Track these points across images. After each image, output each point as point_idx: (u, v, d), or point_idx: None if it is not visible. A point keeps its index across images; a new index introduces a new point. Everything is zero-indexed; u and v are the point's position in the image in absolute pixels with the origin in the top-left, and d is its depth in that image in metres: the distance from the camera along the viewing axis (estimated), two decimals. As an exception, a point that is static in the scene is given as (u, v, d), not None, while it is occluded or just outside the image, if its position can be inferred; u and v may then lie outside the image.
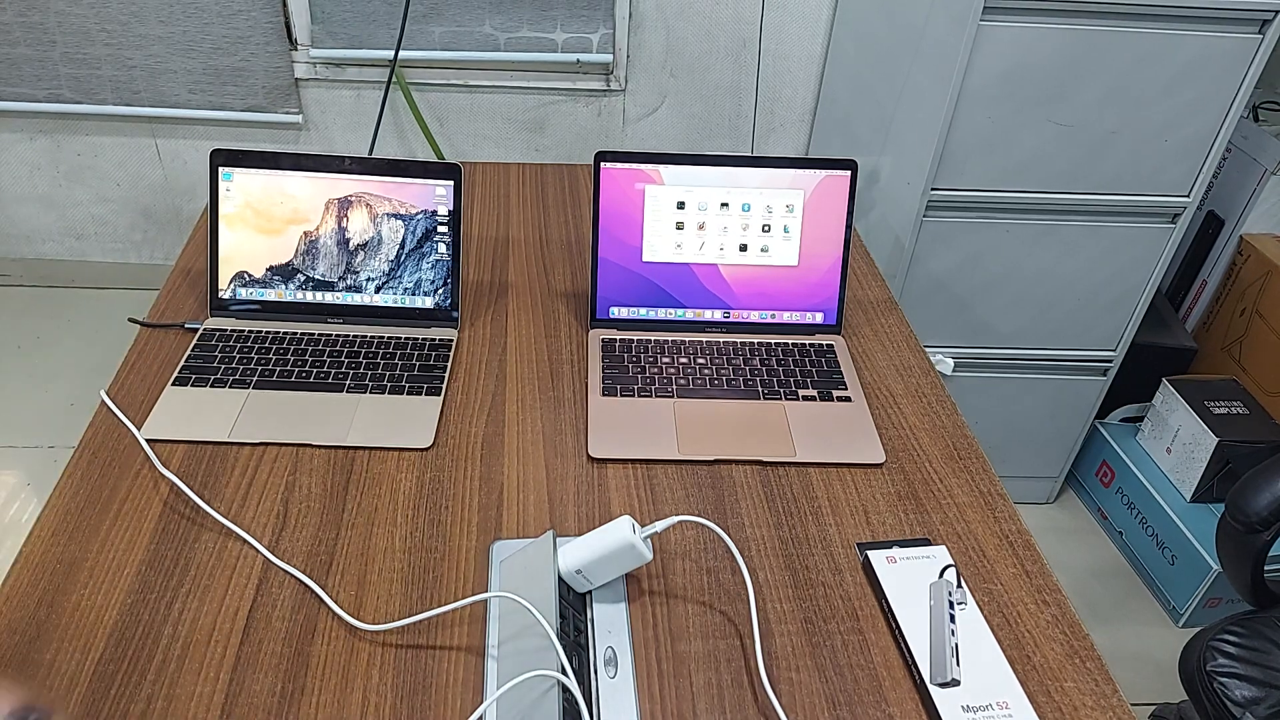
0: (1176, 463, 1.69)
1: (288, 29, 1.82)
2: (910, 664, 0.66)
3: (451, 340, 0.92)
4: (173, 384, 0.84)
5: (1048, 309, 1.58)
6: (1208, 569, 1.57)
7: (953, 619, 0.69)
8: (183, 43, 1.82)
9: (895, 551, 0.74)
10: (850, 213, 0.96)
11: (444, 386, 0.87)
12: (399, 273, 0.93)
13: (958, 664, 0.65)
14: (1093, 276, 1.54)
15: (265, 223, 0.91)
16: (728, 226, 0.95)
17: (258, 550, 0.70)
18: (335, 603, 0.67)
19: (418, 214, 0.92)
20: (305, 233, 0.92)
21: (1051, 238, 1.49)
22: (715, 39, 1.88)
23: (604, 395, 0.88)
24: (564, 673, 0.56)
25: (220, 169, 0.90)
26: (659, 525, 0.66)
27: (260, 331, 0.91)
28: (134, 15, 1.79)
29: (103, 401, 0.82)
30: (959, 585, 0.71)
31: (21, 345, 2.05)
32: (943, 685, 0.64)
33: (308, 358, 0.88)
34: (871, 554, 0.73)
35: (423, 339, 0.92)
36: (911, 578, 0.72)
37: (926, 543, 0.76)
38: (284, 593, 0.68)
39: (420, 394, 0.86)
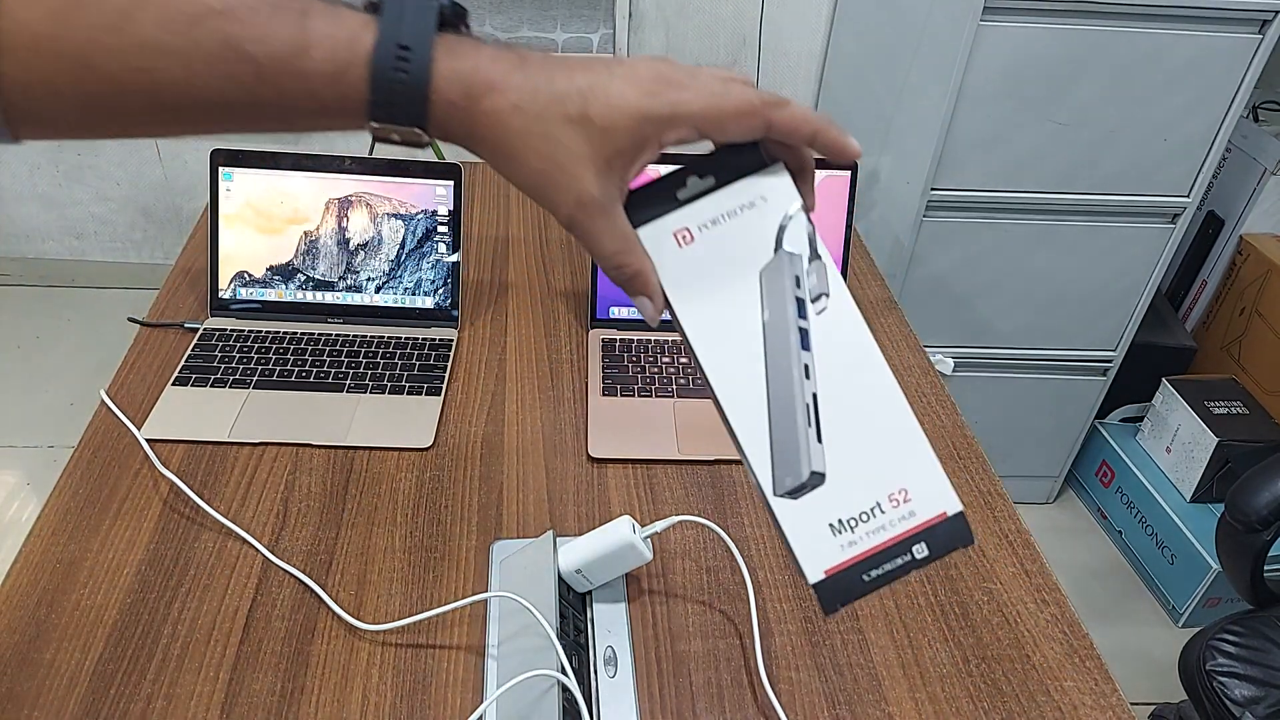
0: (1176, 462, 1.69)
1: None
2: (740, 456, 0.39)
3: (451, 340, 0.92)
4: (173, 384, 0.84)
5: (1048, 309, 1.58)
6: (1207, 568, 1.57)
7: (805, 339, 0.38)
8: (182, 42, 1.82)
9: (690, 208, 0.40)
10: (850, 212, 0.96)
11: (444, 386, 0.87)
12: (399, 273, 0.93)
13: (819, 438, 0.38)
14: (1093, 276, 1.54)
15: (265, 222, 0.91)
16: (727, 226, 0.95)
17: (257, 550, 0.70)
18: (335, 602, 0.67)
19: (418, 214, 0.92)
20: (305, 232, 0.92)
21: (1051, 238, 1.49)
22: (715, 37, 1.88)
23: (604, 395, 0.88)
24: (564, 672, 0.56)
25: (220, 168, 0.90)
26: (659, 525, 0.66)
27: (260, 331, 0.91)
28: (133, 14, 1.78)
29: (102, 401, 0.82)
30: (814, 255, 0.39)
31: (21, 345, 2.05)
32: (792, 492, 0.38)
33: (308, 357, 0.88)
34: (644, 231, 0.40)
35: (423, 339, 0.92)
36: (725, 259, 0.39)
37: (753, 165, 0.40)
38: (284, 592, 0.68)
39: (420, 394, 0.86)
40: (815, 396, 0.38)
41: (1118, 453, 1.78)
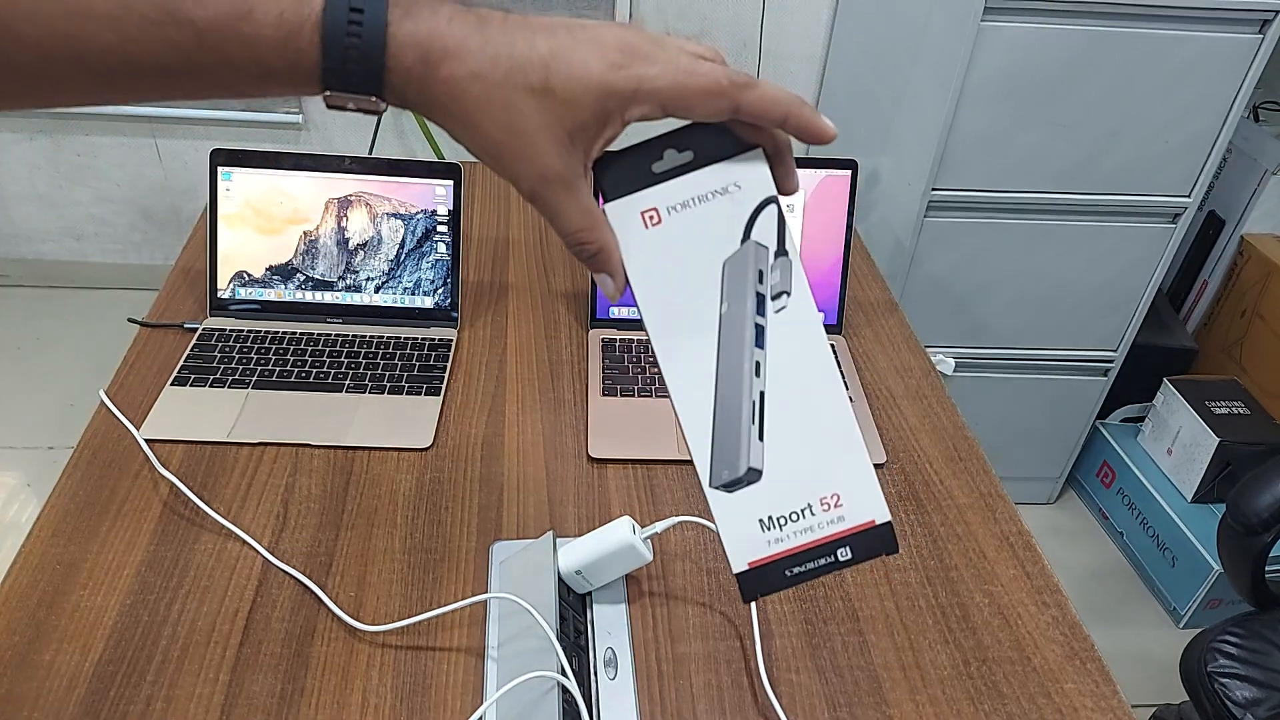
0: (1177, 463, 1.68)
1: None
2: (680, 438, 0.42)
3: (451, 340, 0.92)
4: (172, 384, 0.84)
5: (1048, 309, 1.58)
6: (1208, 570, 1.57)
7: (760, 336, 0.38)
8: (182, 42, 1.82)
9: (661, 188, 0.38)
10: (851, 213, 0.96)
11: (444, 386, 0.87)
12: (399, 272, 0.93)
13: (760, 435, 0.38)
14: (1094, 277, 1.54)
15: (265, 222, 0.91)
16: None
17: (257, 551, 0.70)
18: (335, 603, 0.67)
19: (417, 214, 0.92)
20: (305, 232, 0.92)
21: (1052, 238, 1.49)
22: (715, 39, 1.88)
23: (604, 395, 0.88)
24: (564, 674, 0.56)
25: (220, 169, 0.90)
26: (659, 526, 0.66)
27: (259, 331, 0.91)
28: (134, 15, 1.78)
29: (102, 402, 0.82)
30: (782, 251, 0.39)
31: (21, 346, 2.05)
32: (728, 485, 0.38)
33: (307, 358, 0.88)
34: (612, 206, 0.39)
35: (422, 339, 0.92)
36: (691, 245, 0.38)
37: (733, 148, 0.39)
38: (283, 593, 0.68)
39: (420, 394, 0.86)
40: (762, 395, 0.39)
41: (1119, 454, 1.78)
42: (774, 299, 0.39)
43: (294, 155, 0.90)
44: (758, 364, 0.39)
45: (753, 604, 0.67)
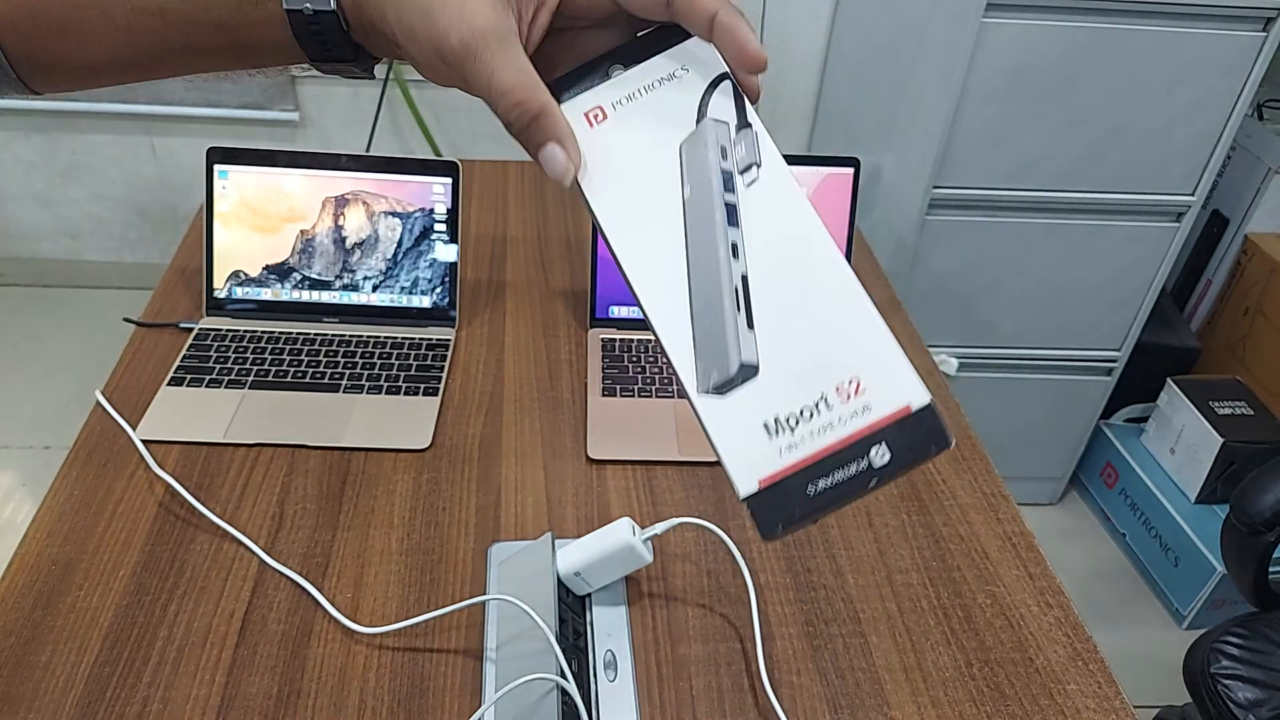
0: (1181, 464, 1.68)
1: (286, 27, 1.81)
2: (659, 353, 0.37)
3: (449, 340, 0.92)
4: (168, 384, 0.84)
5: (1052, 308, 1.57)
6: (1212, 570, 1.56)
7: (733, 215, 0.34)
8: (181, 40, 1.81)
9: (603, 86, 0.36)
10: (853, 211, 0.95)
11: (441, 387, 0.86)
12: (396, 272, 0.92)
13: (749, 324, 0.33)
14: (1097, 275, 1.53)
15: (261, 221, 0.91)
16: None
17: (253, 552, 0.70)
18: (332, 605, 0.66)
19: (415, 212, 0.91)
20: (301, 231, 0.91)
21: (1055, 236, 1.48)
22: (716, 37, 1.88)
23: (603, 395, 0.87)
24: (563, 676, 0.56)
25: (216, 166, 0.89)
26: (659, 527, 0.65)
27: (256, 331, 0.90)
28: (132, 13, 1.78)
29: (98, 402, 0.82)
30: (744, 123, 0.35)
31: (16, 345, 2.05)
32: (720, 388, 0.33)
33: (304, 358, 0.88)
34: (566, 102, 0.36)
35: (420, 339, 0.91)
36: (642, 135, 0.35)
37: (671, 37, 0.36)
38: (280, 595, 0.67)
39: (417, 394, 0.85)
40: (745, 278, 0.33)
41: (1122, 454, 1.77)
42: (742, 173, 0.34)
43: (290, 153, 0.89)
44: (734, 245, 0.34)
45: (753, 606, 0.67)
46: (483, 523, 0.74)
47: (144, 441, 0.77)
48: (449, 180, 0.91)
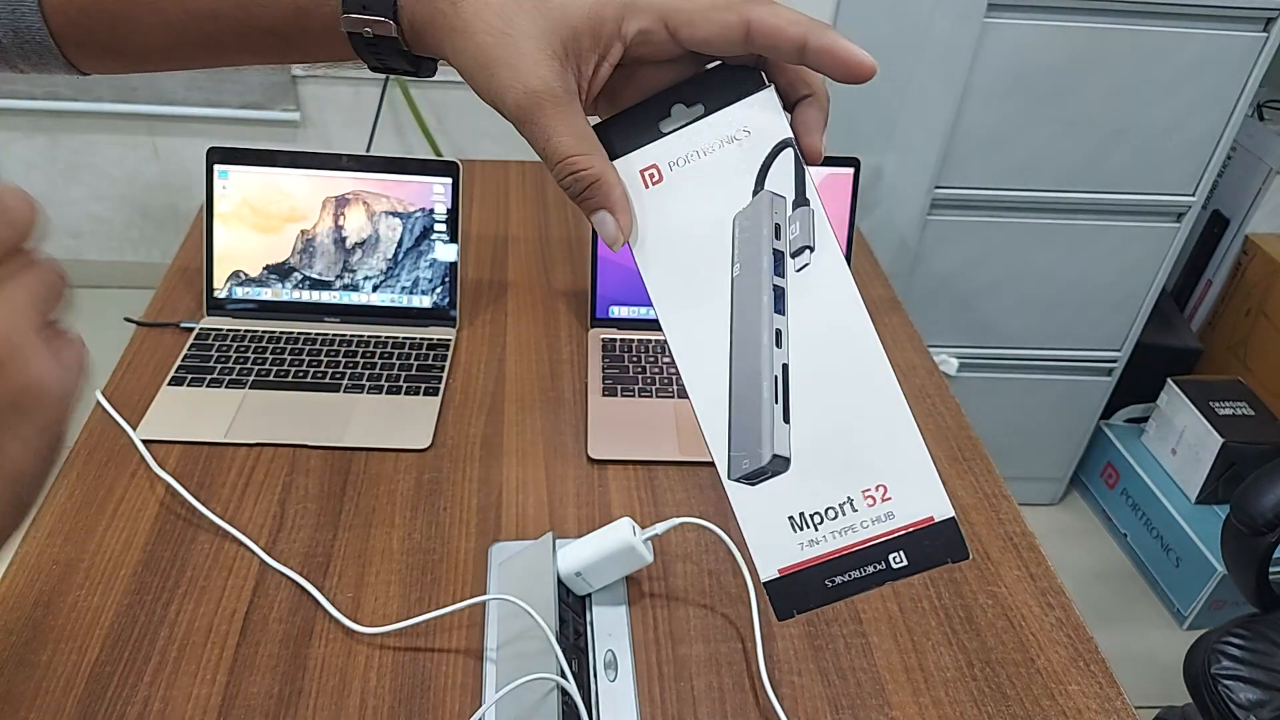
0: (1181, 464, 1.68)
1: (287, 26, 1.81)
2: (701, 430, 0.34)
3: (450, 340, 0.92)
4: (169, 384, 0.84)
5: (1053, 309, 1.57)
6: (1212, 571, 1.56)
7: (780, 301, 0.33)
8: (182, 40, 1.82)
9: (662, 142, 0.34)
10: (853, 211, 0.95)
11: (442, 387, 0.86)
12: (397, 272, 0.92)
13: (785, 417, 0.33)
14: (1098, 276, 1.53)
15: (262, 221, 0.91)
16: (729, 225, 0.94)
17: (254, 552, 0.70)
18: (333, 605, 0.66)
19: (416, 212, 0.91)
20: (302, 231, 0.91)
21: (1056, 237, 1.48)
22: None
23: (604, 395, 0.87)
24: (563, 676, 0.56)
25: (217, 166, 0.89)
26: (660, 527, 0.65)
27: (256, 331, 0.90)
28: (133, 13, 1.78)
29: (98, 401, 0.82)
30: (801, 200, 0.34)
31: (20, 344, 2.04)
32: (750, 477, 0.33)
33: (304, 358, 0.88)
34: (622, 157, 0.34)
35: (421, 338, 0.91)
36: (698, 201, 0.34)
37: (748, 92, 0.34)
38: (281, 594, 0.67)
39: (418, 394, 0.85)
40: (785, 368, 0.33)
41: (1122, 454, 1.77)
42: (794, 256, 0.33)
43: (291, 153, 0.89)
44: (778, 332, 0.33)
45: (753, 606, 0.67)
46: (483, 522, 0.74)
47: (144, 441, 0.77)
48: (449, 180, 0.91)
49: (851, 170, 0.94)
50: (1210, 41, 1.29)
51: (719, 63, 0.35)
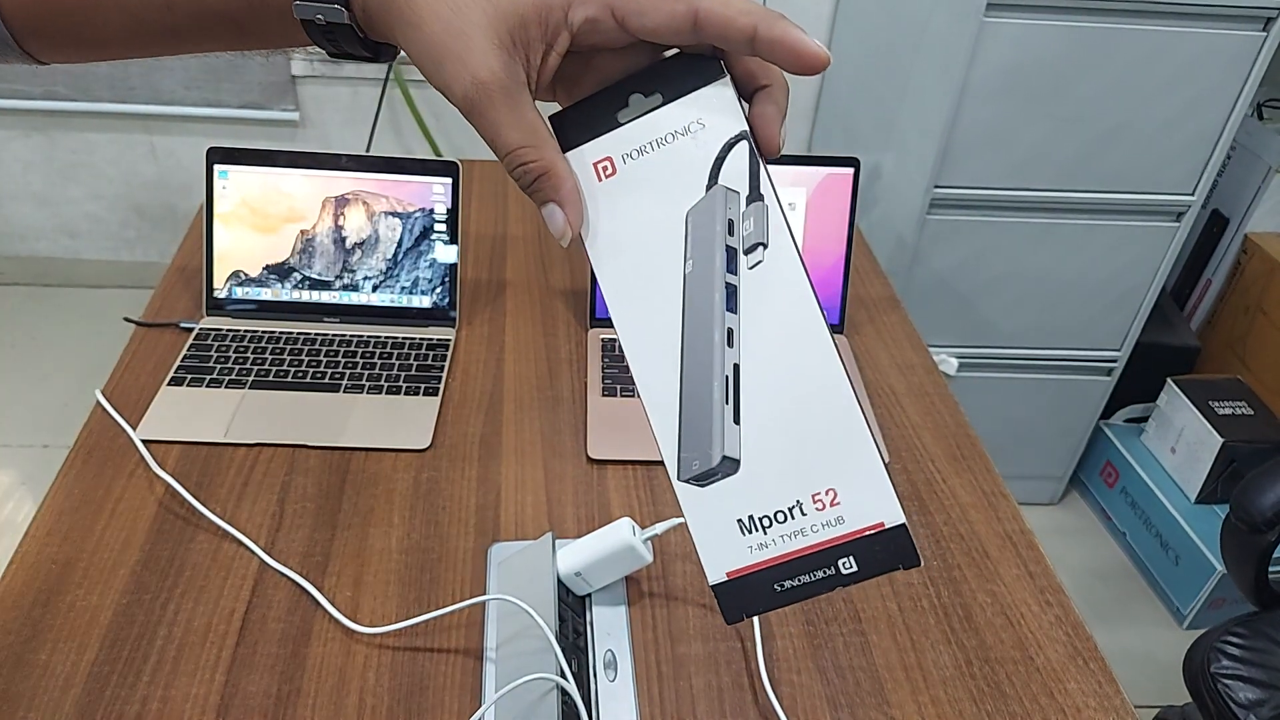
0: (1181, 463, 1.68)
1: (286, 26, 1.81)
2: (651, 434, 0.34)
3: (449, 340, 0.92)
4: (168, 384, 0.84)
5: (1052, 308, 1.57)
6: (1212, 570, 1.56)
7: (732, 299, 0.33)
8: (181, 40, 1.81)
9: (615, 134, 0.34)
10: (853, 210, 0.95)
11: (441, 386, 0.86)
12: (396, 272, 0.92)
13: (736, 418, 0.33)
14: (1097, 275, 1.53)
15: (261, 221, 0.91)
16: (728, 224, 0.94)
17: (253, 551, 0.70)
18: (331, 605, 0.66)
19: (415, 212, 0.91)
20: (302, 231, 0.91)
21: (1055, 236, 1.48)
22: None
23: (603, 395, 0.87)
24: (563, 676, 0.56)
25: (216, 166, 0.89)
26: (659, 527, 0.65)
27: (256, 331, 0.90)
28: (132, 12, 1.78)
29: (98, 401, 0.81)
30: (755, 195, 0.33)
31: (15, 344, 2.05)
32: (699, 478, 0.33)
33: (304, 358, 0.88)
34: (574, 149, 0.34)
35: (420, 338, 0.91)
36: (650, 195, 0.33)
37: (697, 68, 0.33)
38: (279, 594, 0.67)
39: (417, 394, 0.85)
40: (736, 369, 0.32)
41: (1122, 453, 1.77)
42: (747, 253, 0.32)
43: (290, 153, 0.89)
44: (730, 331, 0.32)
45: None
46: (482, 522, 0.74)
47: (144, 441, 0.77)
48: (449, 180, 0.91)
49: (851, 170, 0.94)
50: (1209, 40, 1.29)
51: (678, 51, 0.34)
